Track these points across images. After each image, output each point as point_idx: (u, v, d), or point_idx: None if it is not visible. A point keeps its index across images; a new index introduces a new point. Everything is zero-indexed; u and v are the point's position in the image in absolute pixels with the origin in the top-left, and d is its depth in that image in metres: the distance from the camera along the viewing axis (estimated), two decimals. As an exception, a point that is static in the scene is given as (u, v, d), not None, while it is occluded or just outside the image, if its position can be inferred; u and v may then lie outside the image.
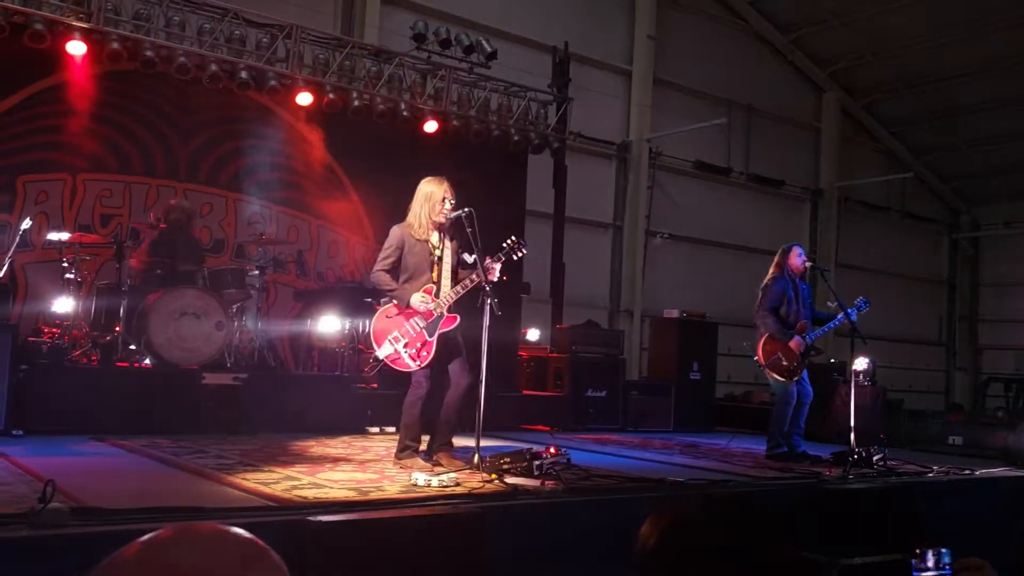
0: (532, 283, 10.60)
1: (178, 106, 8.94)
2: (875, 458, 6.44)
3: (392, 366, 5.43)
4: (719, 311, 11.88)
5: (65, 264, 7.31)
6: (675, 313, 10.54)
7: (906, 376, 17.06)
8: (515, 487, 4.59)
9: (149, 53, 8.02)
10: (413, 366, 5.34)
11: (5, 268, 7.27)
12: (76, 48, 7.74)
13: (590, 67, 13.34)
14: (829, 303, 7.34)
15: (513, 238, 5.56)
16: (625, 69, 14.28)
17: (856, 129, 17.65)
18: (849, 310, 6.95)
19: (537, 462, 4.91)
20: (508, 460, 4.99)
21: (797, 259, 7.12)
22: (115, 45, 7.86)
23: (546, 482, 4.71)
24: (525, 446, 5.68)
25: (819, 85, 16.90)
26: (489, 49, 9.96)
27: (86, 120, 8.38)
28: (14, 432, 6.09)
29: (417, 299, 5.31)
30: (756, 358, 6.99)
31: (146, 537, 0.79)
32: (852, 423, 6.55)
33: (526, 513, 4.30)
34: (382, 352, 5.35)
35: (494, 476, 4.79)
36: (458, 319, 5.43)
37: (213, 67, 8.36)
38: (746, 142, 15.75)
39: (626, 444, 7.93)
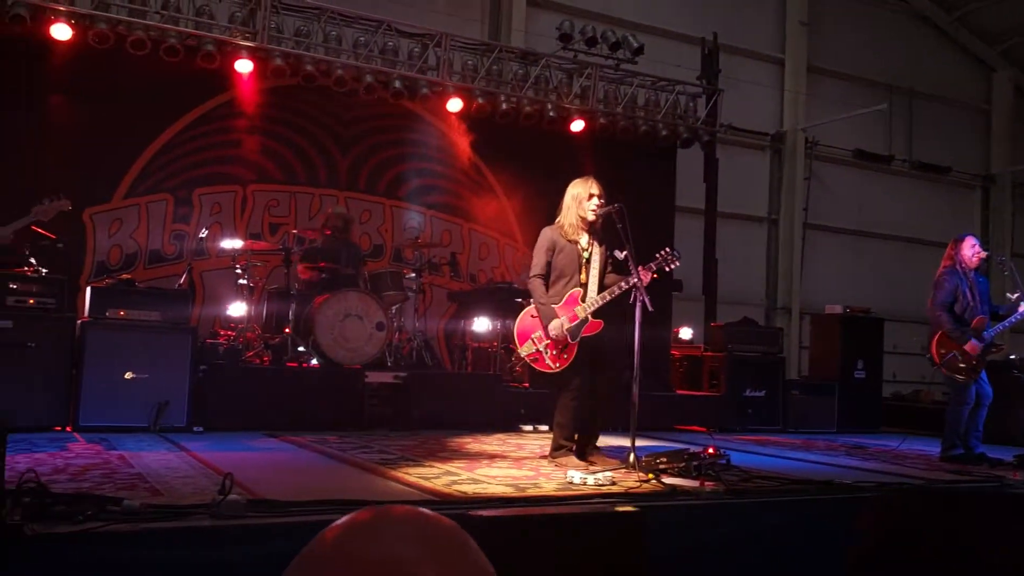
0: (684, 280, 10.42)
1: (337, 117, 9.35)
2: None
3: (532, 366, 5.47)
4: (883, 306, 11.28)
5: (238, 270, 7.76)
6: (838, 309, 10.10)
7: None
8: (673, 487, 4.52)
9: (309, 68, 8.43)
10: (553, 367, 5.34)
11: (185, 275, 7.83)
12: (243, 66, 8.22)
13: (740, 57, 12.97)
14: (1009, 295, 6.82)
15: (666, 249, 5.49)
16: (777, 57, 13.81)
17: (1032, 109, 16.39)
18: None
19: (695, 462, 4.81)
20: (665, 460, 4.92)
21: (969, 250, 6.65)
22: (278, 61, 8.30)
23: (705, 483, 4.61)
24: (682, 446, 5.60)
25: (989, 64, 15.77)
26: (636, 44, 9.87)
27: (254, 134, 8.91)
28: (195, 429, 6.53)
29: (554, 326, 5.28)
30: (930, 356, 6.59)
31: (344, 519, 0.81)
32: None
33: (686, 514, 4.22)
34: (523, 350, 5.40)
35: (651, 476, 4.72)
36: (602, 325, 5.37)
37: (368, 78, 8.69)
38: (908, 128, 14.88)
39: (787, 445, 7.66)
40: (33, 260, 6.52)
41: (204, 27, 8.06)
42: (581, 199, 5.40)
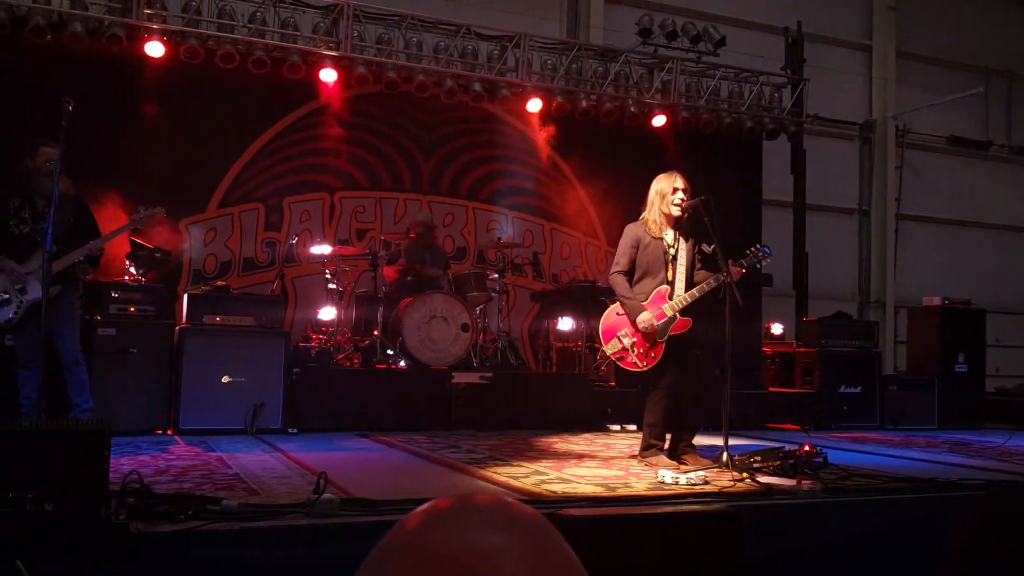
0: (773, 275, 10.18)
1: (419, 122, 9.46)
2: None
3: (618, 364, 5.40)
4: (984, 297, 10.80)
5: (327, 276, 7.93)
6: (936, 301, 9.72)
7: None
8: (768, 486, 4.41)
9: (391, 74, 8.56)
10: (640, 365, 5.25)
11: (277, 281, 8.03)
12: (328, 75, 8.39)
13: (825, 45, 12.60)
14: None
15: (757, 245, 5.37)
16: (864, 44, 13.38)
17: None
18: None
19: (791, 460, 4.69)
20: (759, 458, 4.81)
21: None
22: (361, 69, 8.45)
23: (802, 481, 4.48)
24: (776, 444, 5.47)
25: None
26: (718, 36, 9.71)
27: (339, 142, 9.08)
28: (290, 430, 6.69)
29: (643, 319, 5.19)
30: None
31: (424, 507, 0.78)
32: None
33: (782, 513, 4.11)
34: (609, 349, 5.31)
35: (745, 475, 4.62)
36: (691, 323, 5.26)
37: (449, 82, 8.77)
38: (1007, 112, 14.24)
39: (886, 442, 7.40)
40: (133, 269, 6.78)
41: (289, 39, 8.26)
42: (665, 194, 5.31)
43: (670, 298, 5.26)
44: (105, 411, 5.74)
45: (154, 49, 7.74)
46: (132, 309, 6.53)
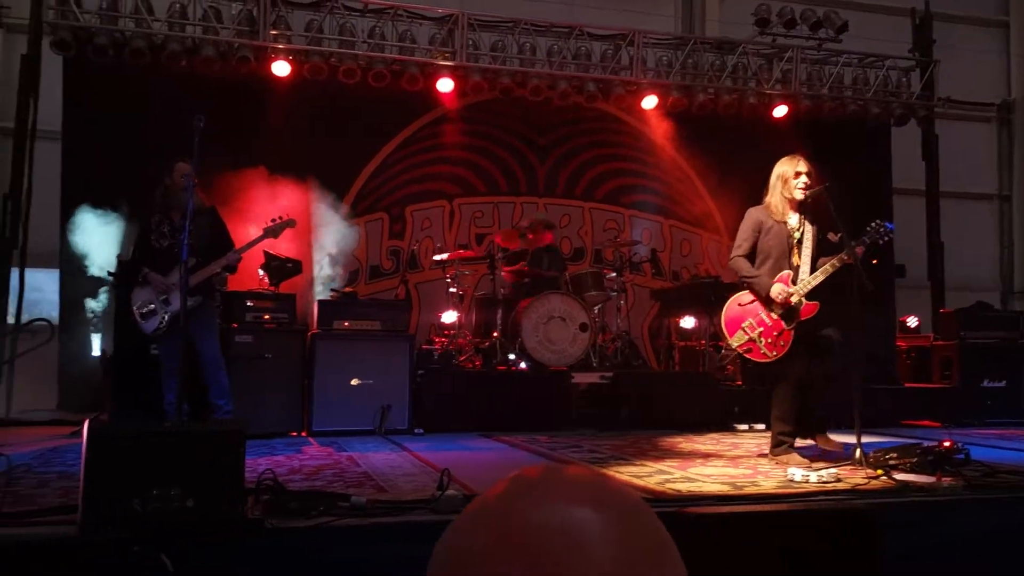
0: (906, 265, 9.75)
1: (533, 126, 9.55)
2: None
3: (746, 356, 5.25)
4: None
5: (448, 280, 8.09)
6: (1089, 288, 9.08)
7: None
8: (906, 483, 4.22)
9: (506, 80, 8.68)
10: (770, 355, 5.09)
11: (401, 287, 8.26)
12: (445, 85, 8.57)
13: (955, 24, 11.96)
14: None
15: (876, 221, 5.13)
16: (1000, 20, 12.65)
17: None
18: None
19: (930, 457, 4.47)
20: (895, 455, 4.61)
21: None
22: (477, 77, 8.60)
23: (943, 478, 4.27)
24: (912, 440, 5.23)
25: None
26: (839, 22, 9.38)
27: (457, 149, 9.28)
28: (416, 431, 6.85)
29: (777, 290, 5.05)
30: None
31: (509, 477, 0.74)
32: None
33: (921, 512, 3.93)
34: (735, 341, 5.17)
35: (880, 472, 4.44)
36: (819, 307, 5.07)
37: (563, 84, 8.81)
38: None
39: (1035, 439, 6.96)
40: (267, 280, 7.10)
41: (407, 51, 8.48)
42: (787, 178, 5.15)
43: (794, 282, 5.10)
44: (244, 414, 6.02)
45: (280, 68, 8.10)
46: (267, 316, 6.84)
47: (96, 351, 7.96)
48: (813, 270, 5.10)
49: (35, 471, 4.66)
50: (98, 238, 7.60)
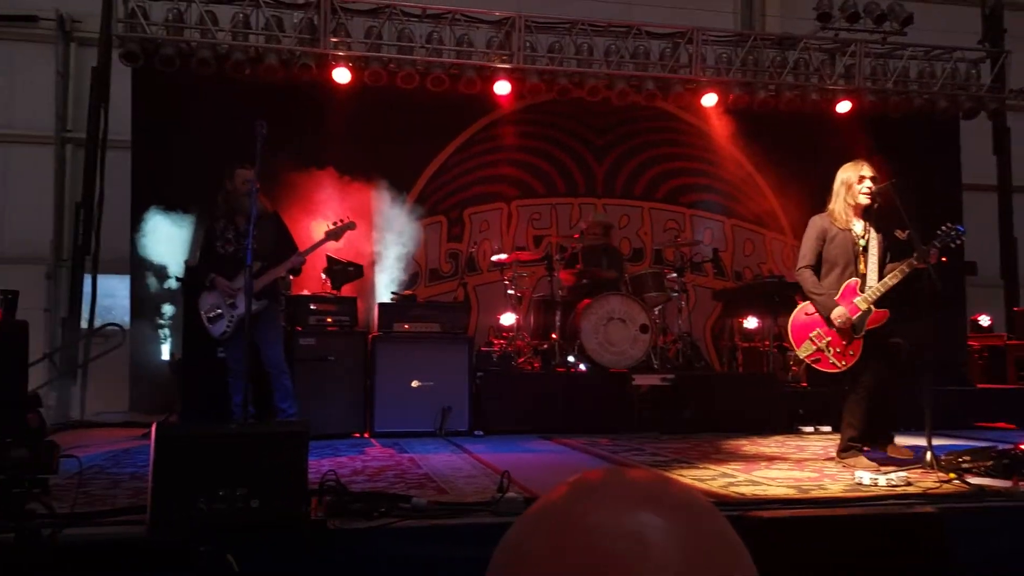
0: (978, 263, 9.46)
1: (591, 127, 9.51)
2: None
3: (815, 367, 5.15)
4: None
5: (506, 282, 8.10)
6: None
7: None
8: (980, 487, 4.09)
9: (563, 81, 8.66)
10: (839, 366, 4.99)
11: (460, 289, 8.29)
12: (502, 88, 8.59)
13: (1028, 13, 11.58)
14: None
15: (947, 224, 5.00)
16: (1077, 7, 12.18)
17: None
18: None
19: (1006, 460, 4.32)
20: (968, 458, 4.47)
21: None
22: (534, 79, 8.59)
23: (1020, 482, 4.12)
24: (987, 443, 5.07)
25: None
26: (904, 14, 9.15)
27: (514, 152, 9.29)
28: (475, 433, 6.88)
29: (837, 313, 4.95)
30: None
31: (571, 479, 0.72)
32: None
33: (997, 517, 3.80)
34: (802, 352, 5.10)
35: (952, 476, 4.31)
36: (888, 315, 4.96)
37: (621, 84, 8.75)
38: None
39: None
40: (329, 283, 7.19)
41: (464, 55, 8.51)
42: (851, 183, 5.05)
43: (861, 291, 4.99)
44: (307, 415, 6.10)
45: (341, 75, 8.20)
46: (329, 320, 6.93)
47: (166, 355, 8.17)
48: (880, 277, 4.99)
49: (107, 472, 4.80)
50: (167, 244, 7.80)
